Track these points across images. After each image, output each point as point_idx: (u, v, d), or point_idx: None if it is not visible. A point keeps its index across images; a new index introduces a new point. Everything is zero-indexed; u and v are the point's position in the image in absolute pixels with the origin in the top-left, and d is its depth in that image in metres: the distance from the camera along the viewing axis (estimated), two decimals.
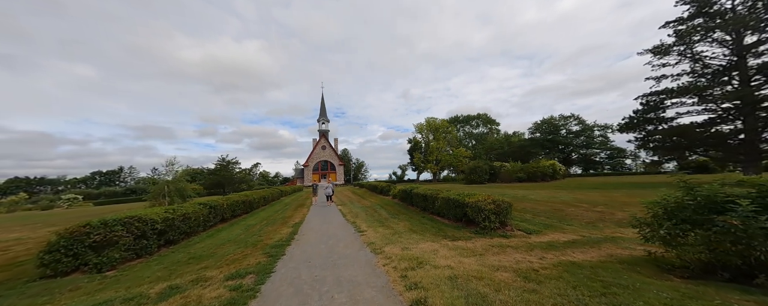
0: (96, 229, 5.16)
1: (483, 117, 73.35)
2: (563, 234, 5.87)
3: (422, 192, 11.02)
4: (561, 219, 7.72)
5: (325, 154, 57.78)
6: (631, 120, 25.18)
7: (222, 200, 10.83)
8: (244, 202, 13.35)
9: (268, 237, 7.26)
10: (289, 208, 15.46)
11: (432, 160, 47.59)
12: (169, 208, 7.54)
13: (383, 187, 20.74)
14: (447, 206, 8.35)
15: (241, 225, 10.13)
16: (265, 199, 17.74)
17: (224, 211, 10.75)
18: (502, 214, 6.36)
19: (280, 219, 10.86)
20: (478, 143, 68.19)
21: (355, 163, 75.18)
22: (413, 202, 12.47)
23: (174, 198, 19.09)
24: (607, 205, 9.45)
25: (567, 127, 60.61)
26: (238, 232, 8.56)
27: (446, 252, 4.83)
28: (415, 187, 13.14)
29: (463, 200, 7.25)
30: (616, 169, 60.76)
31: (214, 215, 9.80)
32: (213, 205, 9.76)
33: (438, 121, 49.28)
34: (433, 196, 9.64)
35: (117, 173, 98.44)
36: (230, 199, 11.64)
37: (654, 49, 21.80)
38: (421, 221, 8.70)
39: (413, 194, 12.31)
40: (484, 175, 34.29)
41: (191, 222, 7.99)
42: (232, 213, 11.76)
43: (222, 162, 29.09)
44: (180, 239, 7.46)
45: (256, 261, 4.87)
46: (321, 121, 60.16)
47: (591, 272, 3.50)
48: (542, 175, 32.80)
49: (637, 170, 60.12)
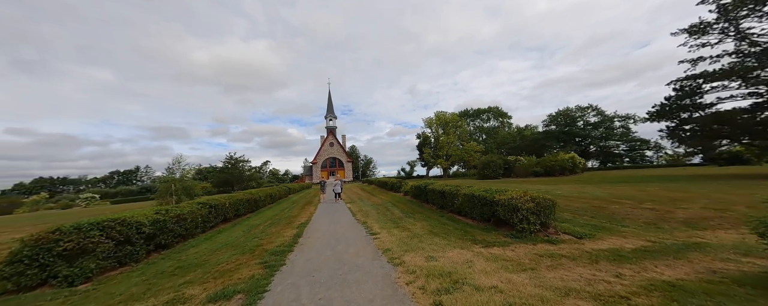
0: (67, 235, 4.43)
1: (494, 110, 70.99)
2: (624, 238, 4.76)
3: (439, 188, 9.99)
4: (609, 219, 6.55)
5: (333, 151, 57.26)
6: (663, 107, 23.16)
7: (224, 199, 10.15)
8: (249, 200, 12.69)
9: (270, 240, 6.44)
10: (296, 206, 14.76)
11: (442, 155, 46.24)
12: (161, 208, 6.83)
13: (394, 184, 19.80)
14: (470, 204, 7.31)
15: (243, 225, 9.42)
16: (272, 197, 17.13)
17: (226, 211, 10.07)
18: (543, 213, 5.28)
19: (286, 218, 10.10)
20: (489, 137, 66.05)
21: (363, 160, 74.51)
22: (428, 200, 11.47)
23: (181, 196, 18.84)
24: (656, 202, 8.17)
25: (584, 119, 57.71)
26: (239, 233, 7.81)
27: (484, 264, 3.83)
28: (429, 182, 12.12)
29: (492, 198, 6.20)
30: (635, 161, 57.56)
31: (215, 215, 9.10)
32: (213, 205, 9.06)
33: (448, 115, 47.74)
34: (453, 192, 8.60)
35: (134, 173, 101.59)
36: (233, 198, 10.96)
37: (691, 28, 19.72)
38: (441, 221, 7.70)
39: (428, 191, 11.30)
40: (498, 169, 32.79)
41: (187, 223, 7.27)
42: (236, 212, 11.09)
43: (230, 160, 28.83)
44: (174, 243, 6.75)
45: (250, 273, 4.02)
46: (328, 118, 59.56)
47: (707, 302, 2.44)
48: (561, 169, 31.04)
49: (659, 163, 56.72)
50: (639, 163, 56.85)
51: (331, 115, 59.73)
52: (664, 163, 54.85)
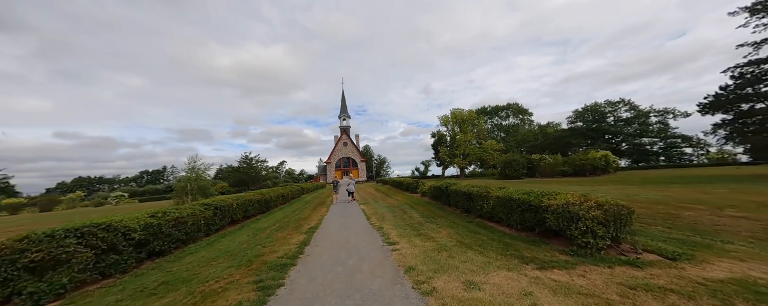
0: (36, 245, 3.81)
1: (514, 107, 67.76)
2: (741, 262, 3.43)
3: (464, 189, 8.82)
4: (693, 230, 5.12)
5: (347, 151, 56.93)
6: (718, 98, 20.39)
7: (231, 200, 9.57)
8: (260, 200, 12.13)
9: (273, 248, 5.63)
10: (308, 207, 14.08)
11: (459, 155, 44.38)
12: (158, 211, 6.22)
13: (410, 184, 18.70)
14: (506, 209, 6.12)
15: (250, 228, 8.76)
16: (284, 197, 16.62)
17: (234, 212, 9.48)
18: (614, 225, 4.04)
19: (295, 221, 9.34)
20: (509, 135, 62.99)
21: (376, 160, 73.80)
22: (450, 202, 10.31)
23: (196, 196, 18.89)
24: (740, 208, 6.55)
25: (616, 114, 53.45)
26: (243, 239, 7.10)
27: (550, 298, 2.72)
28: (450, 182, 10.96)
29: (538, 202, 5.00)
30: (672, 160, 52.33)
31: (221, 217, 8.50)
32: (219, 206, 8.46)
33: (465, 113, 45.79)
34: (482, 194, 7.42)
35: (161, 172, 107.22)
36: (242, 199, 10.39)
37: (755, 5, 17.07)
38: (470, 229, 6.56)
39: (450, 192, 10.14)
40: (520, 169, 30.69)
41: (188, 227, 6.65)
42: (245, 213, 10.52)
43: (246, 160, 29.00)
44: (172, 249, 6.12)
45: (237, 299, 3.16)
46: (342, 118, 59.32)
47: None
48: (592, 168, 28.45)
49: (701, 162, 51.19)
50: (677, 162, 51.68)
51: (344, 114, 59.47)
52: (706, 162, 49.43)
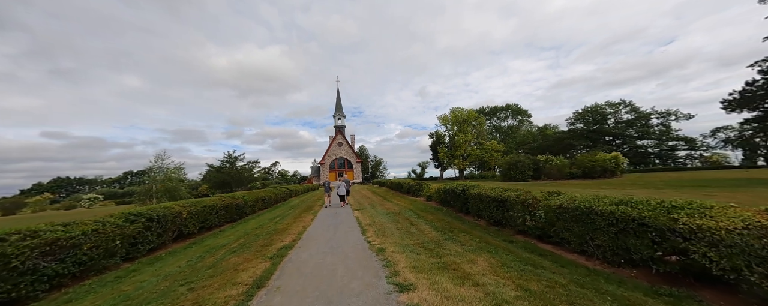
0: None
1: (513, 108, 66.43)
2: None
3: (492, 194, 6.61)
4: None
5: (342, 151, 54.49)
6: (744, 94, 18.78)
7: (180, 207, 7.16)
8: (228, 206, 9.71)
9: (200, 299, 3.30)
10: (292, 213, 11.71)
11: (459, 155, 42.40)
12: (11, 230, 3.83)
13: (411, 186, 16.46)
14: (582, 227, 3.93)
15: (202, 246, 6.38)
16: (265, 202, 14.16)
17: (183, 224, 7.08)
18: None
19: (266, 235, 6.99)
20: (507, 137, 61.49)
21: (372, 161, 71.44)
22: (469, 210, 8.10)
23: (162, 199, 16.30)
24: None
25: (616, 116, 52.41)
26: (171, 270, 4.73)
27: None
28: (469, 185, 8.74)
29: (670, 223, 2.80)
30: (666, 163, 51.20)
31: (159, 232, 6.11)
32: (156, 216, 6.06)
33: (465, 112, 43.90)
34: (526, 202, 5.22)
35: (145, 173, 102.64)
36: (199, 205, 7.97)
37: None
38: (519, 256, 4.34)
39: (470, 197, 7.93)
40: (526, 170, 28.79)
41: (80, 253, 4.26)
42: (204, 224, 8.12)
43: (228, 158, 26.29)
44: (37, 294, 3.72)
45: None
46: (337, 117, 56.90)
47: None
48: (602, 170, 26.73)
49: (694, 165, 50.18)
50: (672, 165, 50.58)
51: (339, 113, 57.05)
52: (700, 165, 48.49)
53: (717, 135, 48.97)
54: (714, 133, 48.93)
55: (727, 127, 47.80)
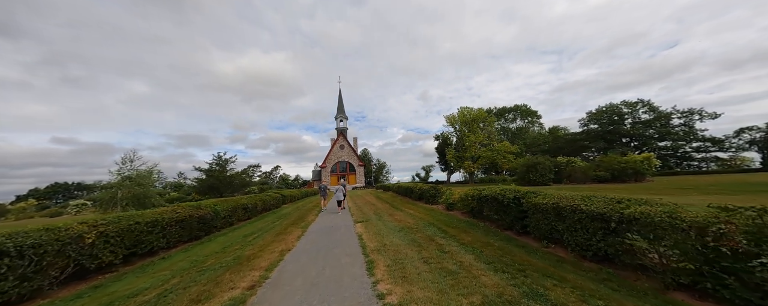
0: None
1: (522, 109, 63.74)
2: None
3: (594, 208, 3.97)
4: None
5: (344, 154, 52.01)
6: None
7: (83, 227, 4.62)
8: (182, 221, 7.12)
9: None
10: (277, 226, 9.13)
11: (468, 157, 39.63)
12: None
13: (424, 191, 13.75)
14: None
15: (97, 298, 3.82)
16: (247, 211, 11.55)
17: (89, 254, 4.53)
18: None
19: (215, 272, 4.40)
20: (517, 139, 58.60)
21: (375, 165, 68.81)
22: (527, 228, 5.45)
23: (128, 207, 13.85)
24: None
25: (635, 116, 49.39)
26: None
27: None
28: (525, 192, 6.09)
29: None
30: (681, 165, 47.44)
31: (27, 273, 3.58)
32: (6, 250, 3.53)
33: (474, 111, 41.29)
34: (686, 225, 2.58)
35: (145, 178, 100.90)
36: (122, 223, 5.41)
37: None
38: None
39: (531, 208, 5.28)
40: (547, 173, 25.93)
41: None
42: (134, 249, 5.56)
43: (218, 161, 23.93)
44: None
45: None
46: (339, 119, 54.62)
47: None
48: (634, 173, 23.82)
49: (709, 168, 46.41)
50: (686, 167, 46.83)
51: (341, 115, 54.78)
52: (715, 168, 44.82)
53: (741, 136, 45.72)
54: (738, 133, 45.67)
55: (753, 127, 44.61)
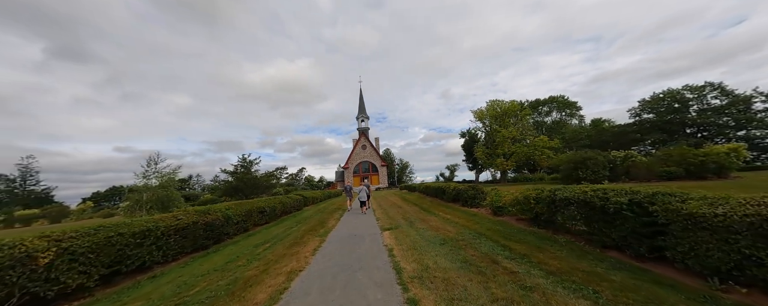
0: None
1: (558, 100, 58.14)
2: None
3: None
4: None
5: (366, 154, 51.03)
6: None
7: (36, 243, 3.59)
8: (183, 229, 6.09)
9: None
10: (292, 234, 7.89)
11: (500, 154, 36.30)
12: None
13: (461, 192, 11.78)
14: None
15: None
16: (264, 214, 10.56)
17: (42, 278, 3.48)
18: None
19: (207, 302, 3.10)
20: (554, 133, 53.30)
21: (398, 164, 67.06)
22: (663, 250, 3.47)
23: (152, 210, 13.79)
24: None
25: (702, 102, 42.23)
26: None
27: None
28: (665, 193, 4.05)
29: None
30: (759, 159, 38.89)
31: None
32: None
33: (506, 104, 37.92)
34: None
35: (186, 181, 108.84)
36: (98, 236, 4.38)
37: None
38: None
39: (704, 222, 3.31)
40: (601, 170, 22.28)
41: None
42: (115, 267, 4.53)
43: (242, 162, 24.04)
44: None
45: None
46: (360, 119, 53.81)
47: None
48: (718, 168, 19.43)
49: None
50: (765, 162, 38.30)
51: (362, 115, 53.93)
52: None
53: None
54: None
55: None
